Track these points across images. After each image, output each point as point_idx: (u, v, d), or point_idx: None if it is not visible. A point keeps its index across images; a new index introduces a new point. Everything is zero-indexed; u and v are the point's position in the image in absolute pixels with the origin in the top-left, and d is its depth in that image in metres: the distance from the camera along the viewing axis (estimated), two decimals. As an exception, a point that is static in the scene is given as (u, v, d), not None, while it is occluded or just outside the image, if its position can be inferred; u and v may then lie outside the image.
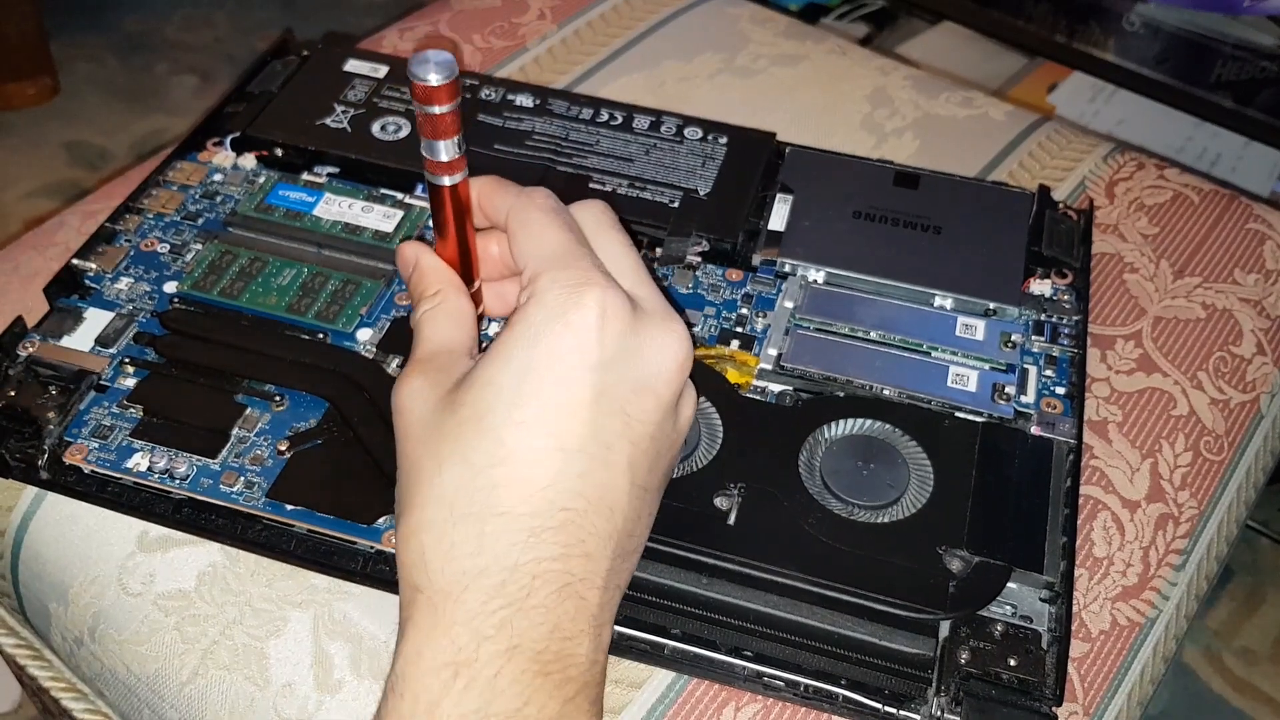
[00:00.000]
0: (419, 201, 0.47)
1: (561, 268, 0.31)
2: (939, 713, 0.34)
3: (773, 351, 0.42)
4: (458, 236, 0.34)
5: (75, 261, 0.44)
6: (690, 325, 0.43)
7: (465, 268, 0.35)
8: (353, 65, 0.52)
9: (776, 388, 0.42)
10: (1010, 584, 0.36)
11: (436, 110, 0.31)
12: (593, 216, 0.34)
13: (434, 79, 0.30)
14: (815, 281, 0.45)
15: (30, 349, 0.41)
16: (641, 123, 0.50)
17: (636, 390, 0.31)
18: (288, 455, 0.39)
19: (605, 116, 0.51)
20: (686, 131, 0.50)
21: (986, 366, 0.42)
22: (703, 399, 0.40)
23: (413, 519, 0.30)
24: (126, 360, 0.41)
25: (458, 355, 0.33)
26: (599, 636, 0.31)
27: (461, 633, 0.29)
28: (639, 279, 0.33)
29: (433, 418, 0.31)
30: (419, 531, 0.30)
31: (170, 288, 0.44)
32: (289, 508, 0.37)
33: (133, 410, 0.40)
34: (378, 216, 0.46)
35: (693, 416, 0.35)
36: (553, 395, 0.30)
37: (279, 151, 0.49)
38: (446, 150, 0.32)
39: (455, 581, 0.29)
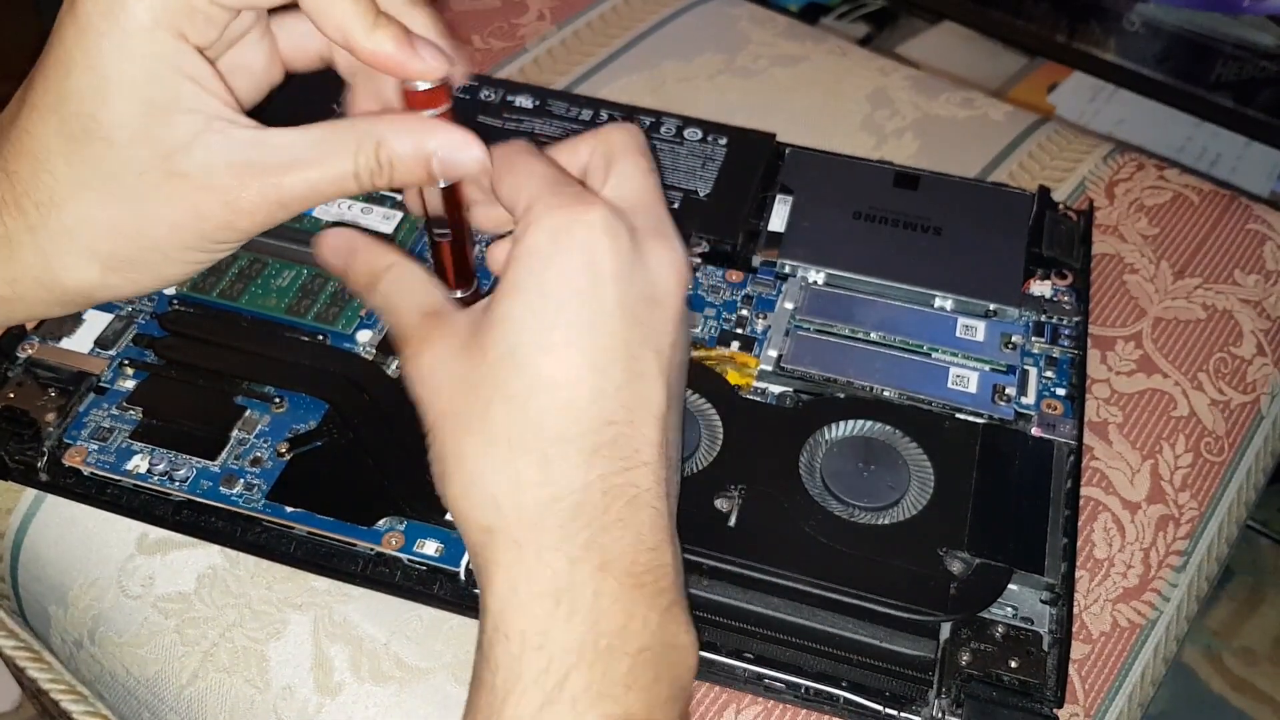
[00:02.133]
0: (419, 203, 0.47)
1: (553, 193, 0.31)
2: (940, 714, 0.34)
3: (773, 353, 0.42)
4: (454, 238, 0.34)
5: (74, 263, 0.44)
6: (690, 327, 0.43)
7: (464, 270, 0.35)
8: (352, 66, 0.52)
9: (777, 389, 0.42)
10: (1011, 585, 0.36)
11: (430, 114, 0.31)
12: (620, 140, 0.34)
13: (422, 84, 0.30)
14: (815, 283, 0.45)
15: (29, 351, 0.41)
16: (641, 123, 0.50)
17: (648, 303, 0.31)
18: (287, 457, 0.39)
19: (605, 117, 0.51)
20: (686, 132, 0.50)
21: (987, 368, 0.42)
22: (703, 400, 0.40)
23: (470, 467, 0.30)
24: (126, 362, 0.41)
25: (447, 309, 0.33)
26: (675, 544, 0.31)
27: (553, 557, 0.29)
28: (643, 201, 0.33)
29: (461, 370, 0.31)
30: (481, 476, 0.30)
31: (169, 289, 0.44)
32: (289, 510, 0.37)
33: (132, 412, 0.40)
34: (377, 217, 0.46)
35: (690, 341, 0.35)
36: (576, 314, 0.30)
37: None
38: None
39: (531, 511, 0.29)
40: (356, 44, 0.30)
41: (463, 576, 0.36)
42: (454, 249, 0.34)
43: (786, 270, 0.45)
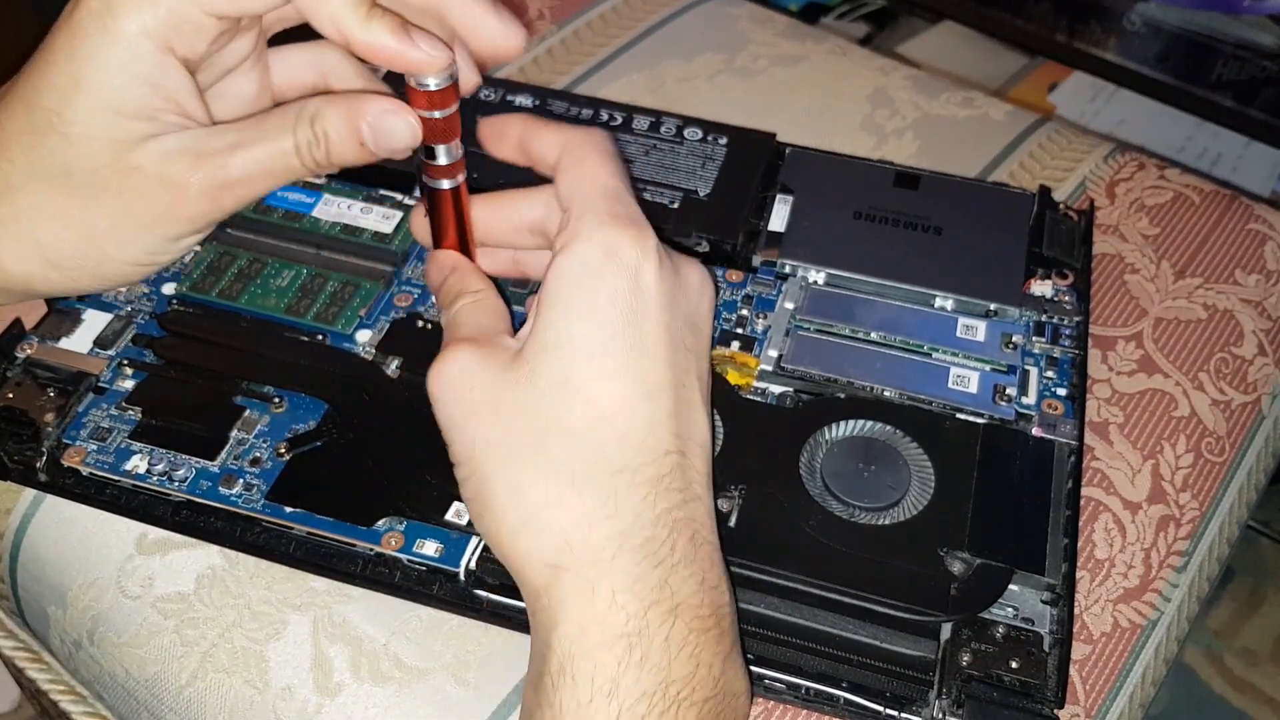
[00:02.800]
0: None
1: (608, 207, 0.30)
2: (940, 715, 0.34)
3: (773, 353, 0.42)
4: (458, 242, 0.34)
5: (74, 263, 0.44)
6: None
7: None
8: (352, 66, 0.52)
9: (777, 389, 0.41)
10: (1012, 586, 0.36)
11: (437, 115, 0.31)
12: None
13: (433, 83, 0.30)
14: (816, 282, 0.45)
15: (28, 351, 0.41)
16: (641, 123, 0.50)
17: (690, 328, 0.31)
18: (287, 457, 0.39)
19: (605, 117, 0.51)
20: (686, 132, 0.50)
21: (987, 368, 0.42)
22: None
23: (530, 500, 0.29)
24: (125, 362, 0.41)
25: (501, 336, 0.32)
26: (731, 582, 0.30)
27: (627, 600, 0.28)
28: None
29: (505, 393, 0.30)
30: (544, 507, 0.29)
31: (169, 289, 0.44)
32: (288, 510, 0.37)
33: (131, 412, 0.40)
34: (377, 217, 0.46)
35: None
36: (629, 339, 0.29)
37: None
38: (446, 154, 0.32)
39: (602, 549, 0.28)
40: (352, 36, 0.29)
41: (462, 577, 0.36)
42: (460, 235, 0.34)
43: (786, 270, 0.45)
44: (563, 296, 0.29)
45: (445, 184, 0.33)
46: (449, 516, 0.36)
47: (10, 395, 0.40)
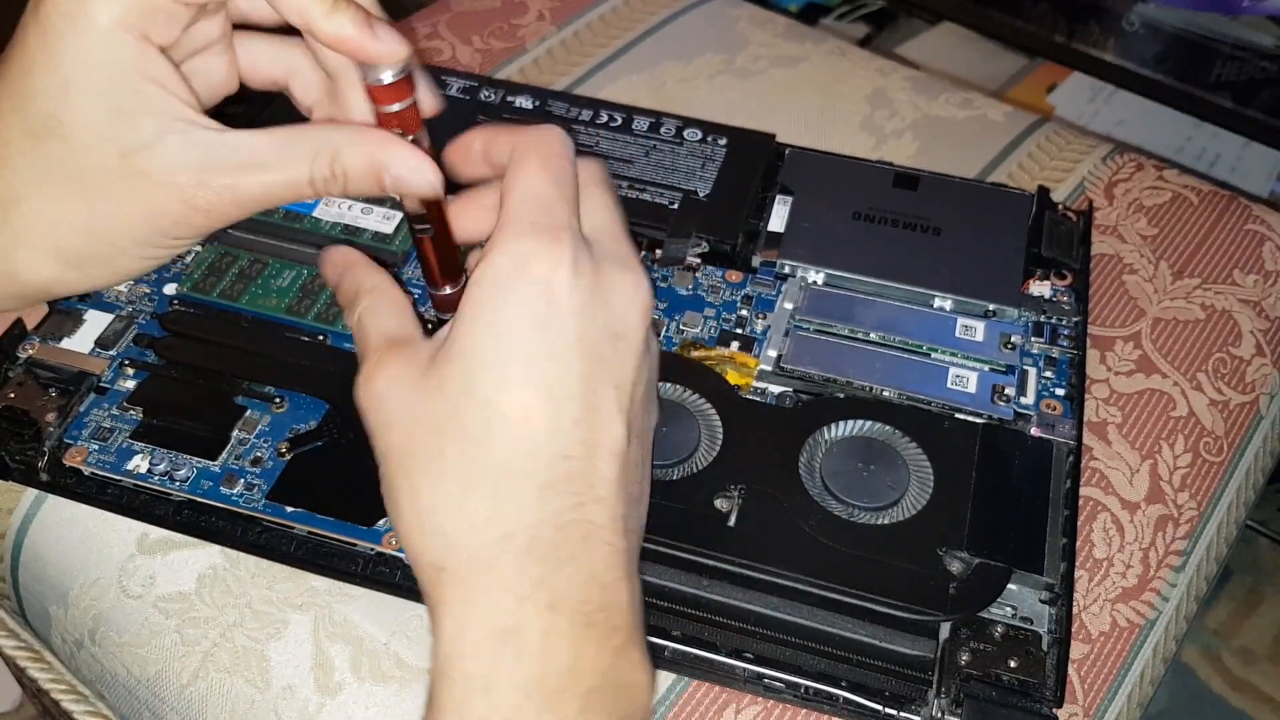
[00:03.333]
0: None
1: (527, 217, 0.30)
2: (939, 714, 0.34)
3: (772, 353, 0.42)
4: (437, 233, 0.34)
5: (75, 263, 0.44)
6: (690, 327, 0.43)
7: (450, 265, 0.35)
8: (352, 67, 0.52)
9: (776, 389, 0.42)
10: (1010, 585, 0.36)
11: (395, 108, 0.31)
12: (584, 172, 0.33)
13: (387, 76, 0.30)
14: (815, 283, 0.45)
15: (30, 351, 0.41)
16: (641, 124, 0.50)
17: (609, 336, 0.31)
18: (288, 457, 0.39)
19: (605, 118, 0.51)
20: (686, 133, 0.50)
21: (986, 368, 0.42)
22: (703, 400, 0.40)
23: (422, 501, 0.30)
24: (126, 362, 0.41)
25: (413, 339, 0.32)
26: (633, 581, 0.31)
27: (501, 598, 0.28)
28: (608, 232, 0.32)
29: (417, 401, 0.30)
30: (432, 511, 0.29)
31: (170, 289, 0.44)
32: (289, 510, 0.37)
33: (132, 412, 0.40)
34: (377, 218, 0.46)
35: (658, 366, 0.35)
36: (534, 347, 0.29)
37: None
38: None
39: (482, 550, 0.29)
40: (316, 26, 0.30)
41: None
42: (437, 244, 0.34)
43: (786, 270, 0.45)
44: (475, 306, 0.30)
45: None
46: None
47: (12, 395, 0.40)
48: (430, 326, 0.34)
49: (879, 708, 0.35)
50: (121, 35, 0.30)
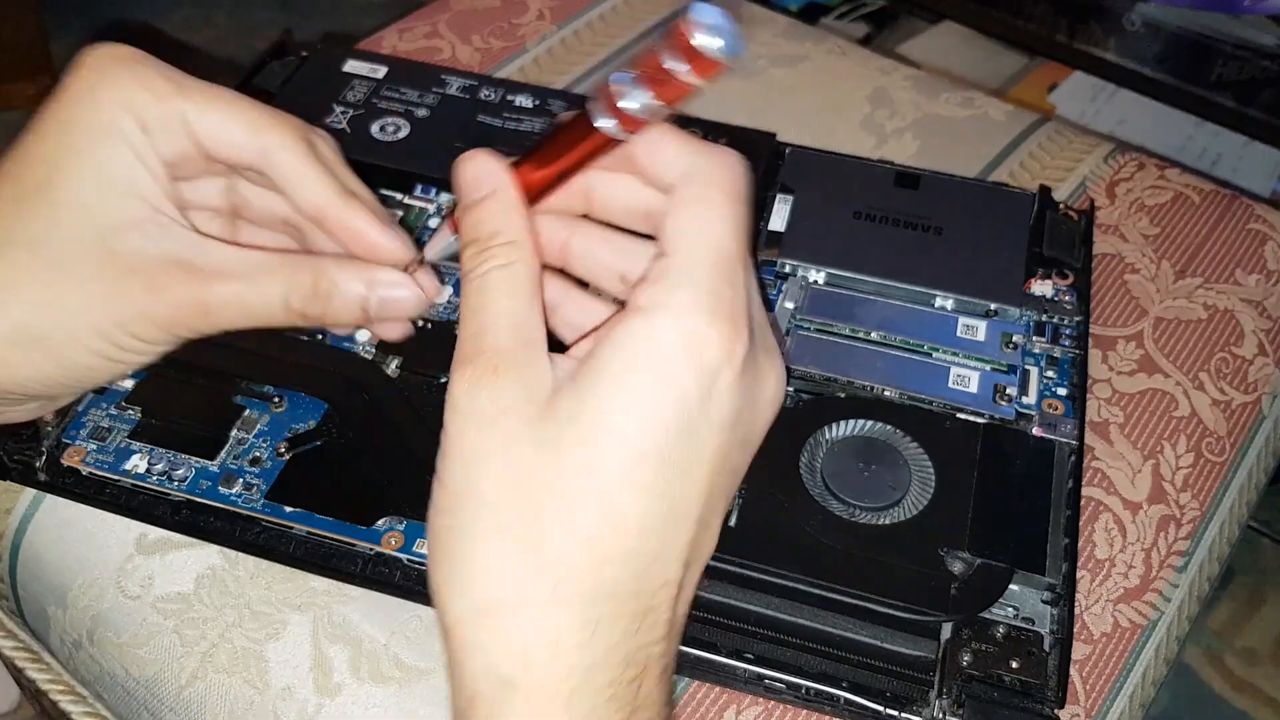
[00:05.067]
0: (419, 202, 0.47)
1: (710, 284, 0.25)
2: (941, 715, 0.34)
3: (773, 352, 0.42)
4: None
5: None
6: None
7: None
8: (352, 66, 0.52)
9: (777, 389, 0.41)
10: (1012, 586, 0.36)
11: (696, 80, 0.25)
12: (723, 191, 0.28)
13: (718, 50, 0.24)
14: (816, 282, 0.45)
15: (28, 351, 0.41)
16: (641, 123, 0.50)
17: (745, 444, 0.28)
18: (287, 457, 0.39)
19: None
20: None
21: (988, 367, 0.41)
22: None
23: (500, 588, 0.25)
24: (125, 362, 0.41)
25: (542, 348, 0.27)
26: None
27: None
28: (759, 305, 0.28)
29: (523, 449, 0.25)
30: (514, 609, 0.25)
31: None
32: (288, 510, 0.37)
33: (131, 412, 0.40)
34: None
35: None
36: (674, 454, 0.25)
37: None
38: (646, 108, 0.26)
39: (564, 679, 0.25)
40: (331, 214, 0.30)
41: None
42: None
43: (787, 270, 0.45)
44: (620, 371, 0.25)
45: (615, 130, 0.26)
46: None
47: (10, 395, 0.40)
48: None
49: (880, 708, 0.34)
50: (129, 119, 0.29)
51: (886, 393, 0.41)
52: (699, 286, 0.25)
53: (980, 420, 0.40)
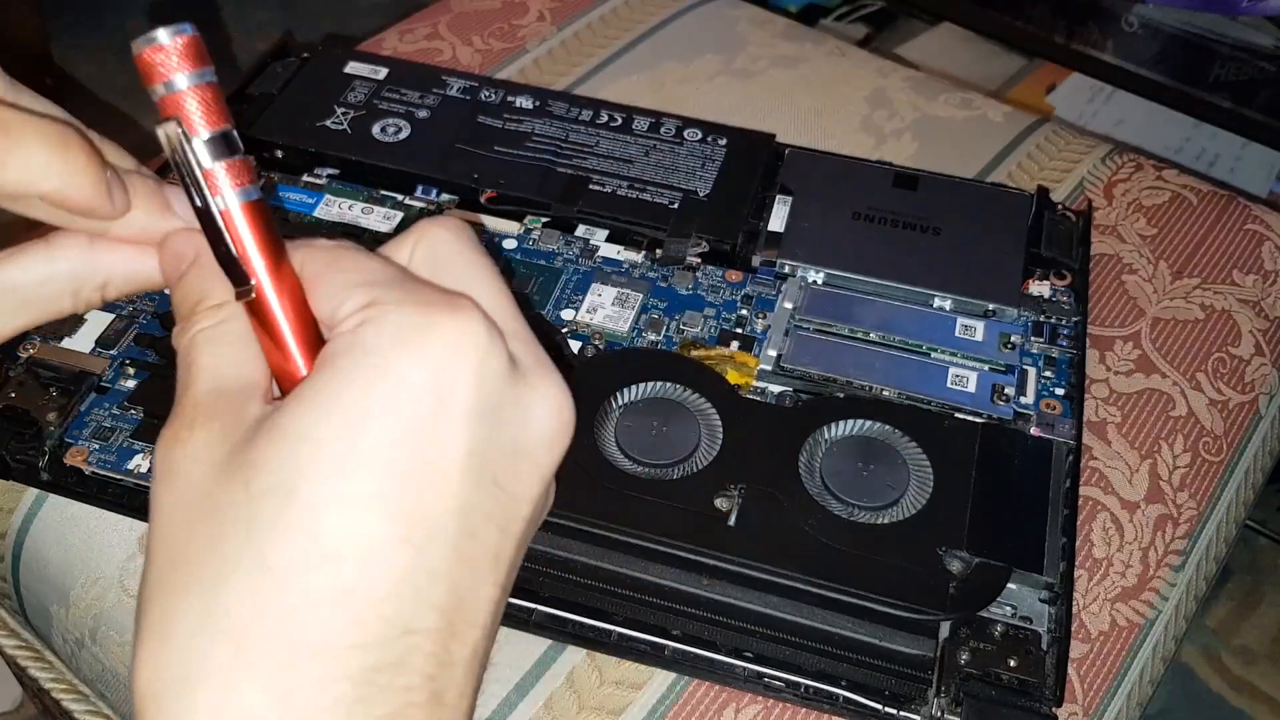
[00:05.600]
0: (419, 202, 0.47)
1: (406, 290, 0.22)
2: (939, 713, 0.34)
3: (772, 352, 0.42)
4: (259, 296, 0.23)
5: (76, 263, 0.44)
6: (690, 326, 0.43)
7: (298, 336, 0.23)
8: (353, 67, 0.53)
9: (776, 388, 0.42)
10: (1010, 585, 0.36)
11: (179, 73, 0.21)
12: (445, 240, 0.23)
13: (163, 38, 0.21)
14: (815, 282, 0.45)
15: (31, 350, 0.41)
16: (641, 124, 0.50)
17: (514, 455, 0.22)
18: (288, 457, 0.39)
19: (605, 118, 0.51)
20: (686, 133, 0.50)
21: (986, 367, 0.42)
22: (702, 400, 0.40)
23: (174, 656, 0.19)
24: (127, 361, 0.41)
25: (250, 394, 0.22)
26: None
27: None
28: (512, 319, 0.23)
29: (214, 485, 0.21)
30: (187, 683, 0.19)
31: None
32: (290, 509, 0.37)
33: (134, 412, 0.40)
34: (378, 218, 0.46)
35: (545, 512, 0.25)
36: (403, 456, 0.20)
37: (279, 153, 0.49)
38: (201, 149, 0.22)
39: None
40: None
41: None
42: (263, 307, 0.23)
43: (786, 270, 0.45)
44: (328, 381, 0.21)
45: (213, 199, 0.22)
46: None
47: (13, 395, 0.40)
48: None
49: (879, 707, 0.35)
50: None
51: (885, 393, 0.41)
52: (389, 293, 0.21)
53: (978, 420, 0.40)
